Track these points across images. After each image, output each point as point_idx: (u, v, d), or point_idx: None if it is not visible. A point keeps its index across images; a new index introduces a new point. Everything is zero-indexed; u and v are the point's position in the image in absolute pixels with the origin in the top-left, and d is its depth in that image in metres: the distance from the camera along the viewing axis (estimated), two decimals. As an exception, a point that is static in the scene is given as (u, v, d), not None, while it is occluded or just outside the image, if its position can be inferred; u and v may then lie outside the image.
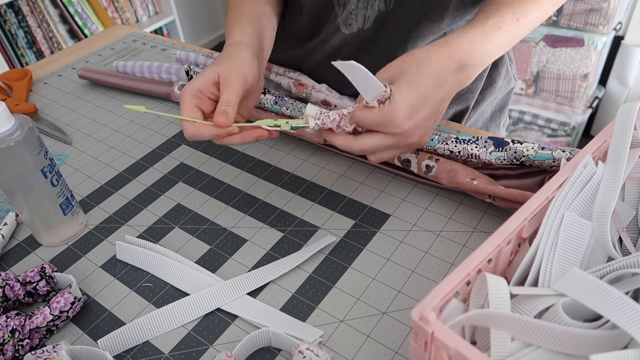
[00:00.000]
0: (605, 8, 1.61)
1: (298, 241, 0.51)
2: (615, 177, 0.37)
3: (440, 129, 0.63)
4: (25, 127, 0.46)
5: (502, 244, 0.35)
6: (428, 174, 0.54)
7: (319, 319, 0.44)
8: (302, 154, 0.63)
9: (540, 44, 1.77)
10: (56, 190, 0.50)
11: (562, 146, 0.49)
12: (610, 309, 0.29)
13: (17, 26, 1.91)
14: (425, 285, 0.46)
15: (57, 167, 0.51)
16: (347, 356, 0.41)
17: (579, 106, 1.85)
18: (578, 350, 0.30)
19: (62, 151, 0.67)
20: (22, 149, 0.46)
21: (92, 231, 0.55)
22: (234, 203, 0.57)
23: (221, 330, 0.44)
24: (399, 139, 0.45)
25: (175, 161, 0.64)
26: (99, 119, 0.73)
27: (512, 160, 0.50)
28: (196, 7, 2.74)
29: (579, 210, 0.37)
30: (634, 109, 0.38)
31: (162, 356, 0.42)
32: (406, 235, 0.51)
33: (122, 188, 0.60)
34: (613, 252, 0.37)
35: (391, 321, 0.43)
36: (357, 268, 0.48)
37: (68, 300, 0.44)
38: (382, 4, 0.58)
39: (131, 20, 2.27)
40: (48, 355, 0.39)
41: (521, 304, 0.33)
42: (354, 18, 0.61)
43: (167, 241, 0.53)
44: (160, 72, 0.75)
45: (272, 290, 0.47)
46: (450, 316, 0.32)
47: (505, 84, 0.73)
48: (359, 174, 0.59)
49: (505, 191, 0.49)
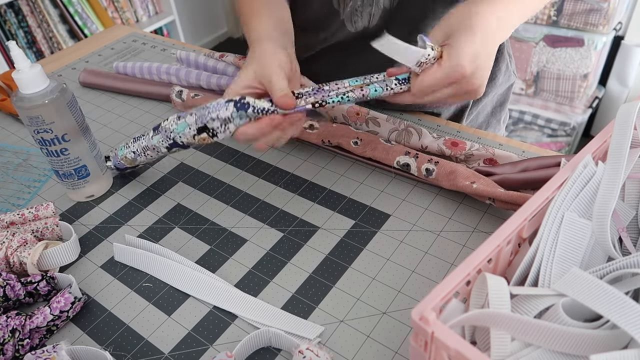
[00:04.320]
0: (605, 8, 1.61)
1: (298, 241, 0.51)
2: (615, 177, 0.37)
3: (441, 129, 0.63)
4: (59, 87, 0.52)
5: (502, 244, 0.35)
6: (428, 177, 0.54)
7: (319, 319, 0.44)
8: (302, 154, 0.63)
9: (540, 44, 1.77)
10: (90, 141, 0.57)
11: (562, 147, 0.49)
12: (610, 309, 0.29)
13: (17, 26, 1.90)
14: (425, 285, 0.46)
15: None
16: (347, 356, 0.41)
17: (579, 106, 1.85)
18: (578, 350, 0.30)
19: (62, 151, 0.67)
20: (66, 101, 0.53)
21: (92, 231, 0.55)
22: (234, 203, 0.57)
23: (221, 330, 0.44)
24: (465, 84, 0.46)
25: (175, 161, 0.64)
26: (99, 119, 0.73)
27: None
28: (196, 7, 2.74)
29: (579, 210, 0.37)
30: (634, 109, 0.38)
31: (162, 356, 0.42)
32: (406, 235, 0.51)
33: (122, 188, 0.60)
34: (613, 252, 0.37)
35: (391, 321, 0.43)
36: (357, 268, 0.48)
37: (68, 300, 0.44)
38: (387, 1, 0.58)
39: (131, 20, 2.27)
40: (48, 355, 0.39)
41: (521, 304, 0.33)
42: (359, 15, 0.61)
43: (167, 241, 0.53)
44: (160, 73, 0.75)
45: (272, 290, 0.47)
46: (450, 316, 0.32)
47: (506, 80, 0.74)
48: (359, 174, 0.59)
49: (505, 194, 0.49)
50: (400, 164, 0.55)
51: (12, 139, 0.71)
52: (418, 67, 0.46)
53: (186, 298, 0.47)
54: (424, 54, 0.45)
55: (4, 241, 0.48)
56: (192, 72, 0.73)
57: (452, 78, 0.46)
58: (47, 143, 0.53)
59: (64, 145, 0.54)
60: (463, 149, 0.56)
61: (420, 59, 0.45)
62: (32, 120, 0.51)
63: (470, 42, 0.45)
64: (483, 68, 0.47)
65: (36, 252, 0.48)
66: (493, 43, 0.47)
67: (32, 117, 0.51)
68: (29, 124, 0.52)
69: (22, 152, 0.68)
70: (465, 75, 0.46)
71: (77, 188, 0.57)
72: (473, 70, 0.46)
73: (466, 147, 0.56)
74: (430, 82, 0.46)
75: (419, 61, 0.45)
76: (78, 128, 0.54)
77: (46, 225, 0.52)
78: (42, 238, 0.52)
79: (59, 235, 0.53)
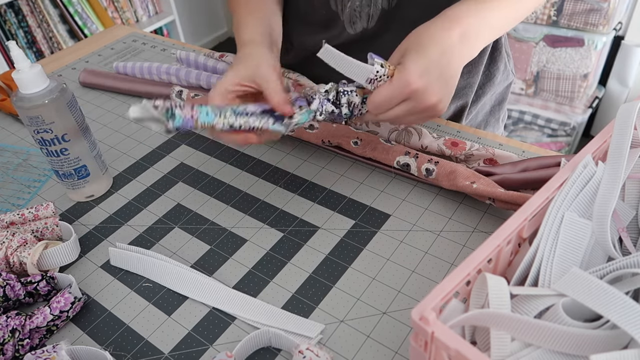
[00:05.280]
0: (605, 8, 1.61)
1: (298, 241, 0.51)
2: (615, 177, 0.37)
3: (441, 129, 0.63)
4: (59, 87, 0.52)
5: (502, 244, 0.35)
6: (428, 177, 0.54)
7: (319, 319, 0.44)
8: (302, 154, 0.63)
9: (540, 44, 1.77)
10: (90, 141, 0.57)
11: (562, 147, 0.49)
12: (610, 309, 0.29)
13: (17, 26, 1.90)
14: (425, 285, 0.46)
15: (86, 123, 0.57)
16: (347, 356, 0.41)
17: (579, 106, 1.85)
18: (578, 350, 0.30)
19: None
20: (66, 101, 0.53)
21: (92, 231, 0.55)
22: (234, 203, 0.57)
23: (221, 330, 0.44)
24: (418, 101, 0.46)
25: (175, 161, 0.64)
26: (99, 119, 0.73)
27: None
28: (196, 7, 2.74)
29: (579, 210, 0.37)
30: (634, 109, 0.38)
31: (162, 356, 0.42)
32: (406, 235, 0.51)
33: (122, 188, 0.60)
34: (613, 252, 0.37)
35: (391, 321, 0.43)
36: (357, 268, 0.48)
37: (68, 300, 0.44)
38: (385, 2, 0.58)
39: (131, 20, 2.27)
40: (48, 355, 0.39)
41: (521, 304, 0.33)
42: (357, 16, 0.61)
43: (167, 241, 0.53)
44: (160, 73, 0.75)
45: (272, 290, 0.47)
46: (450, 316, 0.32)
47: (504, 79, 0.75)
48: (359, 174, 0.59)
49: (505, 194, 0.49)
50: (400, 164, 0.55)
51: (12, 139, 0.71)
52: (370, 85, 0.47)
53: (186, 298, 0.47)
54: (372, 70, 0.45)
55: (4, 241, 0.48)
56: (192, 72, 0.73)
57: (402, 94, 0.46)
58: (47, 143, 0.53)
59: (64, 145, 0.54)
60: (463, 149, 0.56)
61: (369, 75, 0.46)
62: (32, 120, 0.51)
63: (420, 58, 0.45)
64: (438, 84, 0.46)
65: (36, 252, 0.48)
66: (453, 57, 0.47)
67: (32, 117, 0.51)
68: (29, 124, 0.52)
69: (22, 152, 0.68)
70: (414, 91, 0.45)
71: (77, 188, 0.57)
72: (424, 85, 0.45)
73: (466, 147, 0.56)
74: (381, 98, 0.46)
75: (369, 78, 0.46)
76: (78, 128, 0.54)
77: (46, 225, 0.52)
78: (42, 238, 0.52)
79: (59, 235, 0.53)
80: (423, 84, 0.45)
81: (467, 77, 0.68)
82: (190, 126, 0.46)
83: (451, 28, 0.47)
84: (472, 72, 0.68)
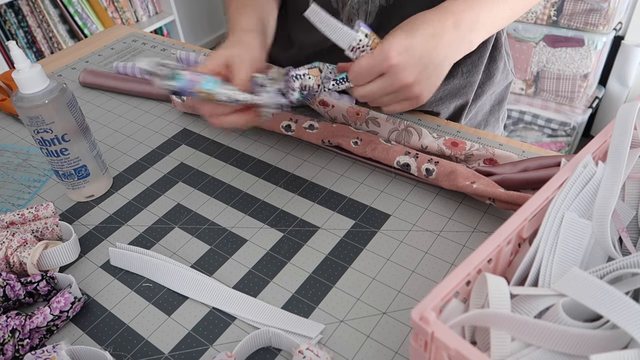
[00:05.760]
0: (605, 8, 1.61)
1: (298, 241, 0.51)
2: (615, 177, 0.37)
3: (441, 129, 0.63)
4: (59, 87, 0.53)
5: (502, 244, 0.35)
6: (428, 177, 0.54)
7: (319, 319, 0.44)
8: (302, 154, 0.63)
9: (540, 44, 1.77)
10: (90, 141, 0.57)
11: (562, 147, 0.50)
12: (610, 309, 0.29)
13: (17, 26, 1.91)
14: (425, 285, 0.46)
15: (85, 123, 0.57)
16: (347, 356, 0.41)
17: (579, 106, 1.85)
18: (578, 350, 0.30)
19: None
20: (66, 101, 0.53)
21: (92, 231, 0.55)
22: (234, 203, 0.57)
23: (221, 330, 0.44)
24: (394, 78, 0.46)
25: (175, 161, 0.64)
26: (99, 119, 0.73)
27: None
28: (196, 7, 2.74)
29: (579, 210, 0.37)
30: (634, 109, 0.38)
31: (162, 356, 0.42)
32: (406, 235, 0.51)
33: (122, 188, 0.60)
34: (613, 252, 0.37)
35: (391, 321, 0.43)
36: (357, 268, 0.48)
37: (68, 300, 0.44)
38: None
39: (131, 20, 2.27)
40: (48, 355, 0.39)
41: (521, 304, 0.33)
42: (355, 13, 0.61)
43: (167, 241, 0.53)
44: (160, 72, 0.75)
45: (272, 290, 0.47)
46: (450, 316, 0.32)
47: (504, 78, 0.75)
48: (359, 174, 0.59)
49: (505, 193, 0.49)
50: (400, 164, 0.55)
51: (12, 139, 0.71)
52: (352, 53, 0.47)
53: (186, 298, 0.47)
54: (355, 37, 0.46)
55: (4, 241, 0.48)
56: (192, 72, 0.73)
57: (380, 67, 0.46)
58: (47, 143, 0.53)
59: (63, 145, 0.54)
60: (463, 149, 0.56)
61: (352, 42, 0.46)
62: (32, 120, 0.51)
63: (406, 37, 0.46)
64: (417, 66, 0.46)
65: (36, 252, 0.48)
66: (441, 43, 0.47)
67: (32, 117, 0.51)
68: (29, 124, 0.52)
69: (22, 152, 0.68)
70: (392, 65, 0.45)
71: (77, 188, 0.57)
72: (402, 62, 0.45)
73: (466, 147, 0.56)
74: (359, 69, 0.47)
75: (351, 45, 0.46)
76: (78, 128, 0.54)
77: (46, 225, 0.52)
78: (42, 238, 0.52)
79: (59, 235, 0.53)
80: (401, 60, 0.45)
81: (467, 76, 0.68)
82: (190, 90, 0.47)
83: (446, 19, 0.47)
84: (472, 71, 0.68)
